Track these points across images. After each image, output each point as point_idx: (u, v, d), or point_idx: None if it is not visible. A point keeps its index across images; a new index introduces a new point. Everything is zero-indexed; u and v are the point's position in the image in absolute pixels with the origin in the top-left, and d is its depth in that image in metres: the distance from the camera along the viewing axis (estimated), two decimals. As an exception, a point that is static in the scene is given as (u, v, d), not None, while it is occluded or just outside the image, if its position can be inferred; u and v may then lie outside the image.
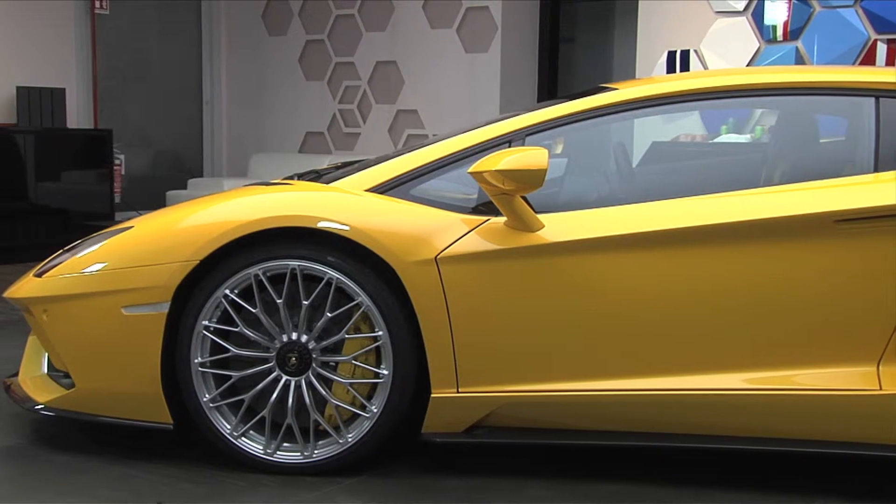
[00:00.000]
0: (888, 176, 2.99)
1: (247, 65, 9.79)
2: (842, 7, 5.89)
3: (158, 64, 9.79)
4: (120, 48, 9.39)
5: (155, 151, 9.93)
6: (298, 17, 9.40)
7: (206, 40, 9.95)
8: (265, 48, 9.66)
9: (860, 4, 5.82)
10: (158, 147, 9.96)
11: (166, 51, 9.84)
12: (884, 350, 2.90)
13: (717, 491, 3.02)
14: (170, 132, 9.98)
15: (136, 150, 9.61)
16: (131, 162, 9.37)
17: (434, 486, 3.05)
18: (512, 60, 8.27)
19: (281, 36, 9.54)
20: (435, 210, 3.08)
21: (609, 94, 3.30)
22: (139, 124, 9.70)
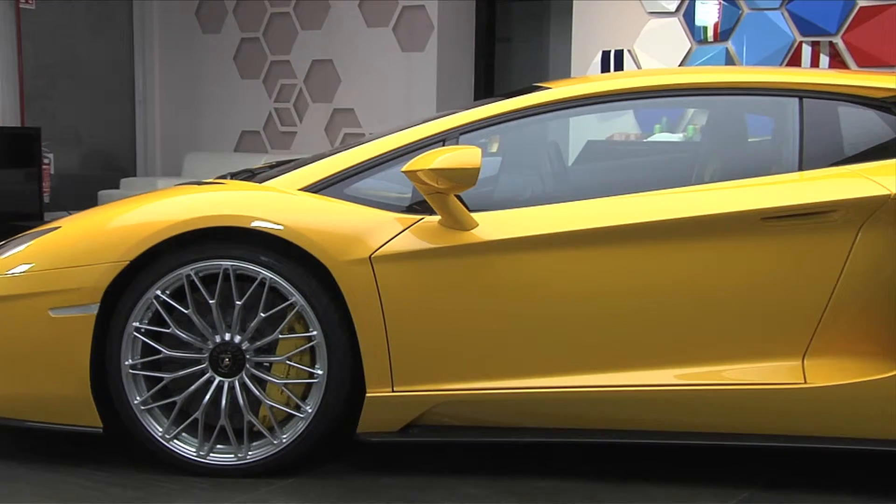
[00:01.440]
0: (812, 174, 3.06)
1: (180, 63, 9.66)
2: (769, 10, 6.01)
3: (89, 61, 9.60)
4: (48, 45, 9.18)
5: (86, 150, 9.74)
6: (233, 14, 9.30)
7: (137, 37, 9.79)
8: (199, 46, 9.54)
9: (786, 7, 5.95)
10: (89, 146, 9.77)
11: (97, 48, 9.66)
12: (808, 344, 2.97)
13: (650, 486, 3.06)
14: (101, 131, 9.80)
15: (66, 148, 9.41)
16: (61, 161, 9.18)
17: (370, 486, 3.04)
18: (448, 59, 8.28)
19: (215, 34, 9.43)
20: (369, 209, 3.08)
21: (542, 93, 3.32)
22: (69, 122, 9.51)
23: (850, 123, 3.17)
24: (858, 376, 2.90)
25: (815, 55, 5.85)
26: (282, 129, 9.14)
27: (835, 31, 5.72)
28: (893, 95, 3.14)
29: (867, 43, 5.61)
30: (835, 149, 3.14)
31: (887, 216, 2.90)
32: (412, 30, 8.30)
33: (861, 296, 2.95)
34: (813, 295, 2.96)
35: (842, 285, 2.94)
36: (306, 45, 8.87)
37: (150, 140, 9.93)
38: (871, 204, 2.89)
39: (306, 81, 8.92)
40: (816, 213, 2.93)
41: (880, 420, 2.92)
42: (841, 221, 2.92)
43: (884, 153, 3.10)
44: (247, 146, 9.39)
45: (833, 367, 2.96)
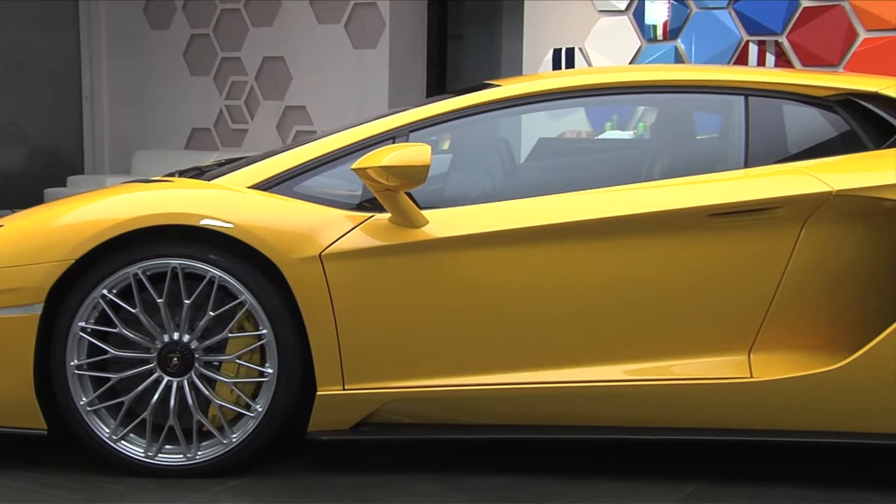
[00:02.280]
0: (758, 171, 3.10)
1: (129, 59, 9.53)
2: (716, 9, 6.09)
3: (34, 56, 9.42)
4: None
5: (31, 147, 9.55)
6: (182, 11, 9.20)
7: (84, 33, 9.63)
8: (148, 42, 9.42)
9: (733, 7, 6.02)
10: (35, 143, 9.58)
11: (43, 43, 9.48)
12: (754, 339, 3.01)
13: (599, 481, 3.09)
14: (47, 127, 9.62)
15: (10, 145, 9.23)
16: (4, 158, 9.01)
17: (321, 484, 3.03)
18: (400, 57, 8.27)
19: (164, 30, 9.31)
20: (319, 207, 3.06)
21: (493, 90, 3.33)
22: (13, 119, 9.32)
23: (794, 121, 3.23)
24: (803, 370, 2.95)
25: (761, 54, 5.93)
26: (233, 126, 9.07)
27: (780, 31, 5.81)
28: (835, 94, 3.20)
29: (811, 42, 5.70)
30: (779, 146, 3.19)
31: (830, 212, 2.95)
32: (364, 27, 8.27)
33: (805, 291, 3.00)
34: (759, 290, 3.01)
35: (787, 280, 2.99)
36: (257, 41, 8.80)
37: (97, 137, 9.77)
38: (814, 200, 2.94)
39: (257, 78, 8.85)
40: (762, 210, 2.97)
41: (825, 413, 2.98)
42: (785, 218, 2.97)
43: (826, 150, 3.16)
44: (197, 144, 9.30)
45: (779, 361, 3.01)
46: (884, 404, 2.93)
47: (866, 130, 3.13)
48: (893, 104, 3.12)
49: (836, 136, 3.20)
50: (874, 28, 5.49)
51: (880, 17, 5.46)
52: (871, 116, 3.14)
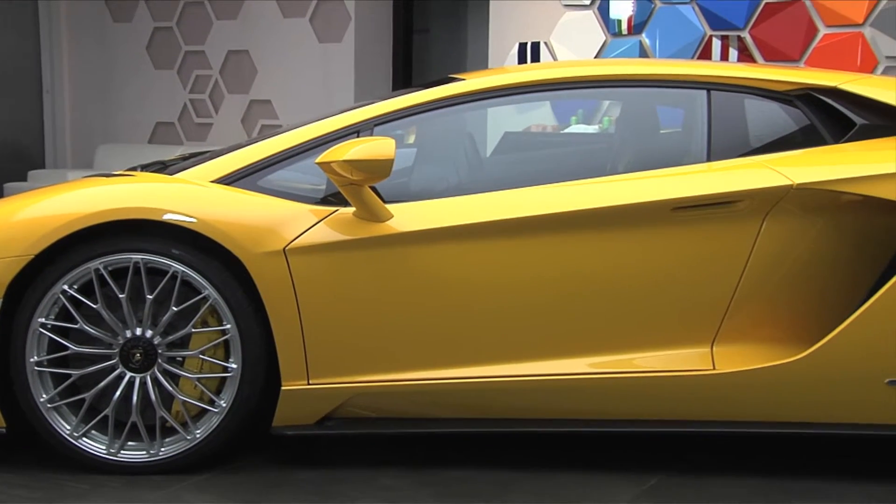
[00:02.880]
0: (720, 165, 3.13)
1: (90, 52, 9.41)
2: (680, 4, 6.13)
3: (-6, 50, 9.28)
4: (-51, 32, 8.86)
5: (-10, 141, 9.42)
6: (145, 3, 9.10)
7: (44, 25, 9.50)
8: (110, 35, 9.31)
9: (696, 2, 6.07)
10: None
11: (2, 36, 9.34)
12: (717, 331, 3.04)
13: (563, 474, 3.10)
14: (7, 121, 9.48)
15: (-30, 140, 9.10)
16: (-35, 153, 8.87)
17: (286, 480, 3.02)
18: (366, 51, 8.24)
19: (126, 23, 9.21)
20: (283, 201, 3.05)
21: (457, 84, 3.33)
22: (-28, 113, 9.19)
23: (756, 115, 3.26)
24: (765, 361, 2.98)
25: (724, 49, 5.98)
26: (197, 120, 8.99)
27: (743, 26, 5.86)
28: (795, 89, 3.23)
29: (773, 37, 5.76)
30: (741, 140, 3.21)
31: (790, 205, 2.98)
32: (329, 21, 8.23)
33: (767, 283, 3.03)
34: (721, 283, 3.03)
35: (748, 273, 3.02)
36: (221, 35, 8.73)
37: (59, 131, 9.65)
38: (775, 193, 2.97)
39: (222, 72, 8.78)
40: (724, 203, 3.00)
41: (786, 404, 3.01)
42: (747, 211, 2.99)
43: (787, 144, 3.19)
44: (161, 138, 9.21)
45: (741, 353, 3.03)
46: (844, 394, 2.97)
47: (826, 124, 3.17)
48: (852, 99, 3.16)
49: (797, 130, 3.24)
50: (834, 24, 5.56)
51: (840, 13, 5.53)
52: (830, 111, 3.18)
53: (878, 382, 2.93)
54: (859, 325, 2.89)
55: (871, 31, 5.42)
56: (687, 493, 2.95)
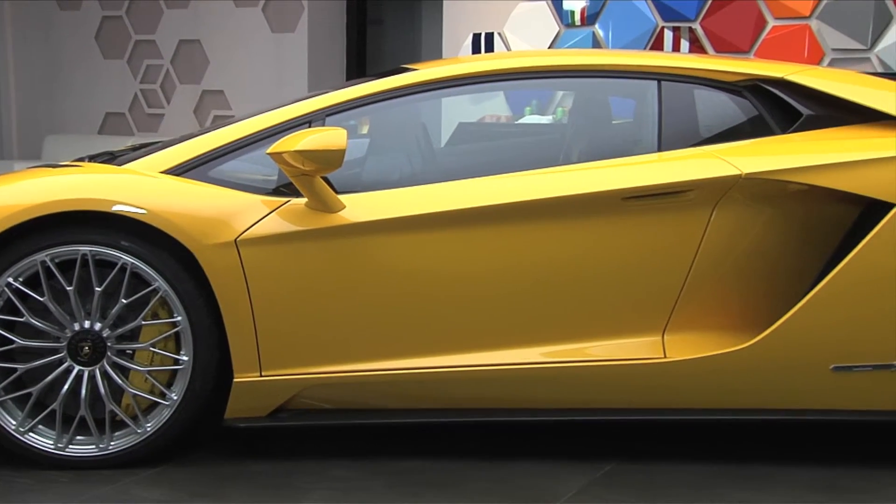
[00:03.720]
0: (670, 155, 3.15)
1: (36, 40, 9.24)
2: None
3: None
4: None
5: (-67, 132, 9.22)
6: (93, -9, 8.96)
7: (-12, 13, 9.31)
8: (57, 23, 9.15)
9: (648, -7, 6.11)
10: (-62, 128, 9.25)
11: (-54, 24, 9.14)
12: (668, 320, 3.07)
13: (517, 462, 3.12)
14: (-49, 112, 9.29)
15: (-87, 131, 8.90)
16: None
17: (239, 473, 3.01)
18: (319, 41, 8.20)
19: (74, 11, 9.06)
20: (234, 192, 3.03)
21: (409, 74, 3.33)
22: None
23: (705, 106, 3.29)
24: (714, 349, 3.01)
25: (676, 40, 6.03)
26: (148, 110, 8.88)
27: (694, 18, 5.91)
28: (744, 80, 3.26)
29: (723, 29, 5.81)
30: (691, 130, 3.24)
31: (739, 195, 3.02)
32: (282, 10, 8.17)
33: (716, 272, 3.07)
34: (672, 272, 3.06)
35: (698, 262, 3.05)
36: (172, 24, 8.63)
37: (5, 121, 9.47)
38: (724, 183, 3.00)
39: (173, 62, 8.68)
40: (674, 193, 3.02)
41: (736, 391, 3.05)
42: (697, 200, 3.02)
43: (736, 135, 3.23)
44: (111, 128, 9.08)
45: (691, 341, 3.07)
46: (791, 381, 3.02)
47: (773, 115, 3.21)
48: (798, 90, 3.20)
49: (746, 121, 3.27)
50: (782, 16, 5.63)
51: (787, 6, 5.60)
52: (777, 101, 3.22)
53: (823, 369, 2.98)
54: (805, 313, 2.94)
55: (817, 23, 5.50)
56: (638, 479, 2.98)
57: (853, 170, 2.96)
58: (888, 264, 2.92)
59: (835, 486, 2.94)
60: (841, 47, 5.45)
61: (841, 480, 2.97)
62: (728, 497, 2.86)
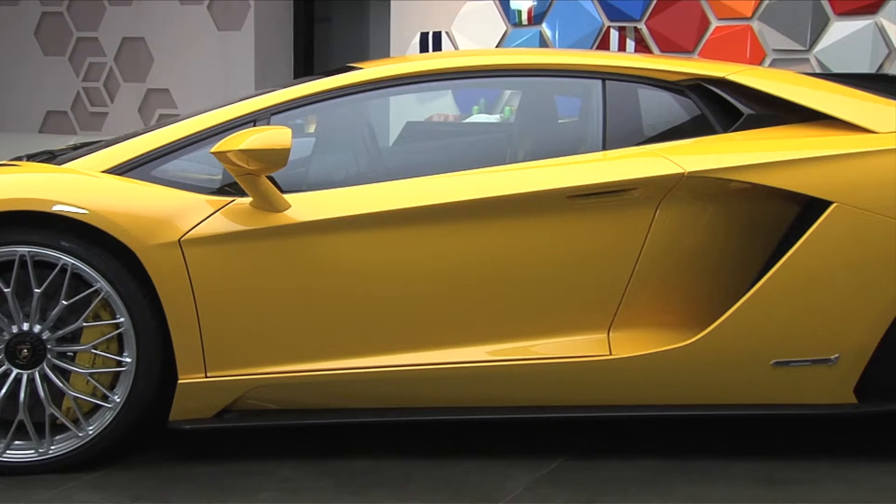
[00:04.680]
0: (615, 154, 3.18)
1: (-27, 37, 9.05)
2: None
3: None
4: None
5: None
6: (32, -14, 8.80)
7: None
8: (-6, 19, 8.97)
9: (594, -7, 6.17)
10: None
11: None
12: (613, 317, 3.10)
13: (464, 460, 3.12)
14: None
15: None
16: None
17: (183, 474, 2.97)
18: (266, 39, 8.14)
19: (11, 6, 8.88)
20: (178, 191, 3.00)
21: (355, 73, 3.32)
22: None
23: (649, 105, 3.32)
24: (659, 346, 3.05)
25: (621, 40, 6.09)
26: (91, 109, 8.75)
27: (639, 18, 5.98)
28: (686, 79, 3.30)
29: (668, 29, 5.89)
30: (635, 129, 3.28)
31: (682, 193, 3.05)
32: (228, 9, 8.10)
33: (661, 269, 3.10)
34: (617, 269, 3.09)
35: (643, 260, 3.08)
36: (115, 21, 8.51)
37: (-59, 120, 9.27)
38: (667, 182, 3.04)
39: (117, 60, 8.56)
40: (618, 191, 3.05)
41: (679, 387, 3.09)
42: (641, 199, 3.05)
43: (679, 133, 3.27)
44: (53, 127, 8.92)
45: (636, 338, 3.10)
46: (733, 376, 3.07)
47: (715, 114, 3.25)
48: (739, 89, 3.25)
49: (688, 120, 3.31)
50: (725, 17, 5.71)
51: (730, 6, 5.69)
52: (719, 101, 3.26)
53: (764, 364, 3.03)
54: (747, 310, 2.98)
55: (759, 24, 5.60)
56: (585, 476, 3.01)
57: (792, 168, 3.01)
58: (826, 261, 2.98)
59: (775, 478, 2.99)
60: (781, 48, 5.55)
61: (781, 473, 3.02)
62: (674, 491, 2.89)
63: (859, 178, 2.99)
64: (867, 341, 3.00)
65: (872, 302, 2.98)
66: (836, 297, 3.00)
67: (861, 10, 5.30)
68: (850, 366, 3.02)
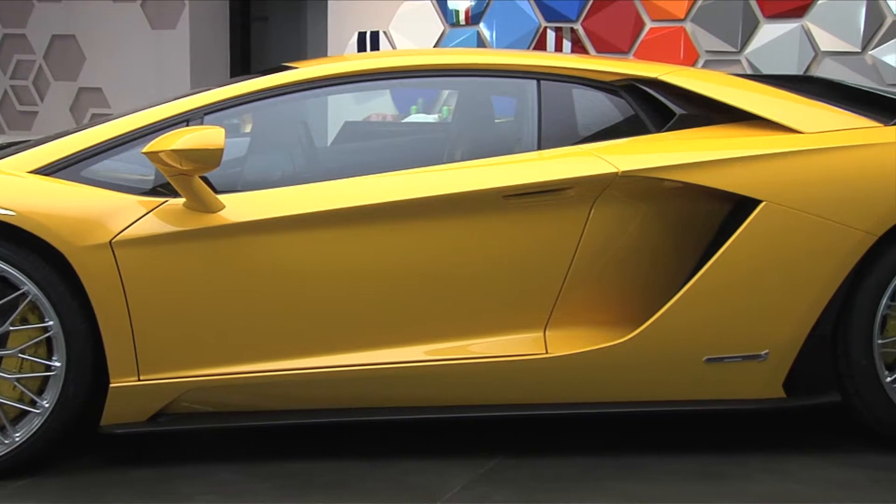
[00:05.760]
0: (550, 153, 3.21)
1: None
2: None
3: None
4: None
5: None
6: (-43, -18, 8.58)
7: None
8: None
9: (531, -7, 6.21)
10: None
11: None
12: (549, 316, 3.12)
13: (402, 460, 3.12)
14: None
15: None
16: None
17: (116, 480, 2.93)
18: (201, 38, 8.04)
19: (-65, 2, 8.67)
20: (108, 192, 2.95)
21: (290, 73, 3.30)
22: None
23: (584, 105, 3.35)
24: (594, 344, 3.07)
25: (558, 40, 6.13)
26: (20, 108, 8.57)
27: (575, 18, 6.03)
28: (620, 80, 3.34)
29: (603, 30, 5.95)
30: (570, 129, 3.30)
31: (617, 192, 3.09)
32: (162, 7, 7.99)
33: (596, 268, 3.13)
34: (552, 268, 3.11)
35: (578, 258, 3.11)
36: (45, 18, 8.34)
37: None
38: (602, 181, 3.07)
39: (46, 58, 8.40)
40: (553, 191, 3.07)
41: (614, 384, 3.12)
42: (576, 198, 3.08)
43: (613, 133, 3.30)
44: (-20, 126, 8.72)
45: (572, 336, 3.13)
46: (667, 373, 3.11)
47: (648, 114, 3.29)
48: (671, 90, 3.30)
49: (622, 120, 3.35)
50: (658, 18, 5.79)
51: (663, 8, 5.76)
52: (652, 101, 3.30)
53: (697, 361, 3.08)
54: (680, 308, 3.02)
55: (691, 26, 5.68)
56: (522, 474, 3.02)
57: (722, 168, 3.06)
58: (756, 258, 3.03)
59: (708, 472, 3.03)
60: (714, 49, 5.64)
61: (714, 467, 3.07)
62: (609, 487, 2.93)
63: (787, 178, 3.05)
64: (795, 337, 3.06)
65: (800, 298, 3.05)
66: (766, 294, 3.06)
67: (788, 13, 5.41)
68: (780, 361, 3.08)
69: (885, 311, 3.05)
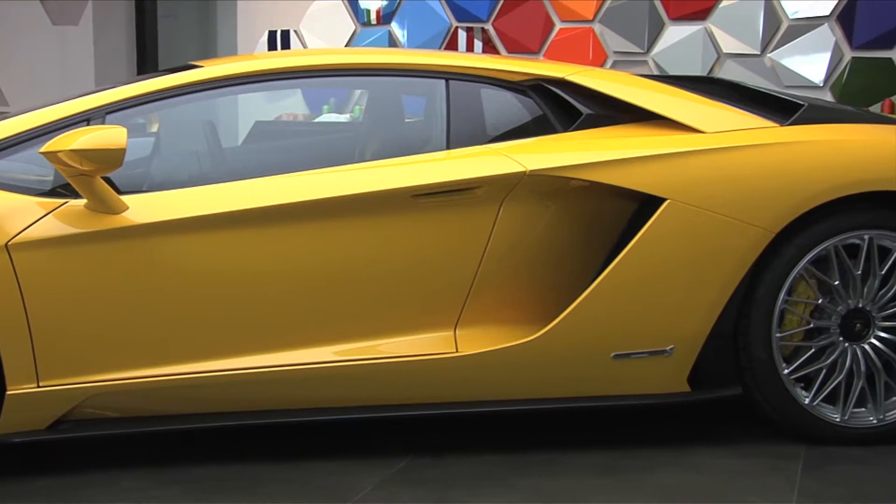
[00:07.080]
0: (458, 153, 3.22)
1: None
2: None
3: None
4: None
5: None
6: None
7: None
8: None
9: (442, -7, 6.23)
10: None
11: None
12: (459, 315, 3.13)
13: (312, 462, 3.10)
14: None
15: None
16: None
17: (16, 490, 2.85)
18: (106, 35, 7.86)
19: None
20: (4, 193, 2.88)
21: (195, 71, 3.25)
22: None
23: (492, 105, 3.38)
24: (504, 342, 3.10)
25: (469, 40, 6.17)
26: (-90, 106, 8.24)
27: (486, 18, 6.07)
28: (528, 79, 3.37)
29: (514, 30, 6.01)
30: (478, 129, 3.32)
31: (524, 191, 3.11)
32: (63, 2, 7.78)
33: (505, 267, 3.16)
34: (462, 267, 3.13)
35: (488, 257, 3.13)
36: (-61, 13, 8.04)
37: None
38: (509, 180, 3.09)
39: (-59, 55, 8.10)
40: (462, 190, 3.08)
41: (524, 382, 3.15)
42: (484, 197, 3.10)
43: (521, 133, 3.33)
44: None
45: (482, 335, 3.15)
46: (576, 370, 3.15)
47: (555, 114, 3.33)
48: (578, 90, 3.34)
49: (530, 120, 3.39)
50: (568, 19, 5.87)
51: (572, 9, 5.85)
52: (559, 101, 3.34)
53: (605, 357, 3.12)
54: (587, 305, 3.07)
55: (600, 27, 5.78)
56: (432, 473, 3.03)
57: (627, 166, 3.11)
58: (661, 256, 3.09)
59: (615, 467, 3.08)
60: (621, 50, 5.75)
61: (621, 461, 3.12)
62: (517, 484, 2.95)
63: (689, 176, 3.12)
64: (699, 332, 3.13)
65: (704, 294, 3.12)
66: (672, 290, 3.12)
67: (692, 15, 5.54)
68: (684, 356, 3.15)
69: (782, 305, 3.15)
